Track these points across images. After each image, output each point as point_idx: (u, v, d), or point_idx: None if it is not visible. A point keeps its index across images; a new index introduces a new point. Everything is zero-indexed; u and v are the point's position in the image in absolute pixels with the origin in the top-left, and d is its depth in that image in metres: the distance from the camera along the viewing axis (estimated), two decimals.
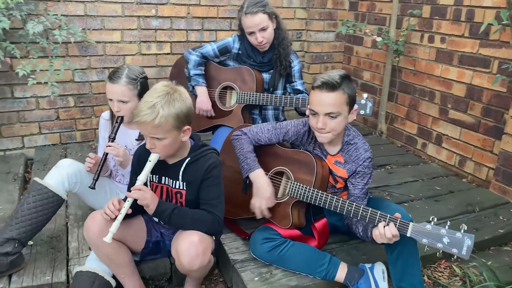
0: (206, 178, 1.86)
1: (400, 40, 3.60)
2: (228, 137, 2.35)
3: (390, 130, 3.99)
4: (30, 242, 2.22)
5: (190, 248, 1.75)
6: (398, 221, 1.77)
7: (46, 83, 2.78)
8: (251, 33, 2.58)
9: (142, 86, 2.19)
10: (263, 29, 2.56)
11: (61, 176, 2.09)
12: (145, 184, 1.92)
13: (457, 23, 3.21)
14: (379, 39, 3.52)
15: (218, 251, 2.27)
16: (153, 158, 1.79)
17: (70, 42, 3.31)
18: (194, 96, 2.82)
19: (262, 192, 2.05)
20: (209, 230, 1.86)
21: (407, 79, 3.74)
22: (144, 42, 3.68)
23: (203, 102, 2.80)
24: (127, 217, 1.87)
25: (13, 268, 1.99)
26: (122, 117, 2.20)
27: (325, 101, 1.89)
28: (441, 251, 1.70)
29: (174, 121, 1.72)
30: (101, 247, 1.84)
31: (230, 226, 2.33)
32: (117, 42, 3.58)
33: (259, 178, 2.07)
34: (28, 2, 3.11)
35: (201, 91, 2.79)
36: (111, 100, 2.19)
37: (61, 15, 3.20)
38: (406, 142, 3.82)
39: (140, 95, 2.10)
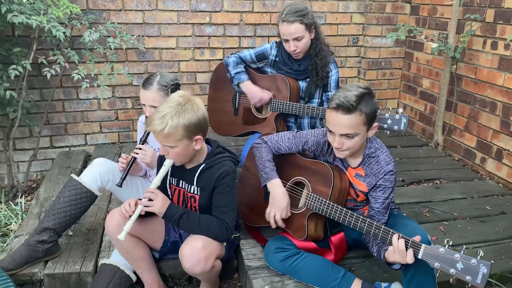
0: (218, 186, 1.90)
1: (460, 46, 3.36)
2: (253, 145, 2.37)
3: (447, 142, 3.73)
4: (70, 233, 2.44)
5: (193, 253, 1.80)
6: (410, 242, 1.67)
7: (99, 86, 3.01)
8: (286, 40, 2.57)
9: (173, 93, 2.29)
10: (297, 39, 2.53)
11: (94, 173, 2.25)
12: (164, 186, 2.02)
13: None
14: (434, 45, 3.31)
15: (237, 256, 2.31)
16: (167, 164, 1.87)
17: (130, 49, 3.56)
18: (242, 93, 2.81)
19: (278, 202, 2.04)
20: (217, 236, 1.90)
21: (467, 88, 3.48)
22: (198, 48, 3.82)
23: (254, 96, 2.71)
24: (147, 215, 1.98)
25: (48, 255, 2.19)
26: None
27: (340, 123, 1.81)
28: (454, 277, 1.58)
29: (184, 131, 1.78)
30: (118, 241, 1.95)
31: (252, 233, 2.35)
32: (173, 48, 3.76)
33: (276, 188, 2.07)
34: (91, 12, 3.40)
35: (246, 85, 2.73)
36: (144, 105, 2.32)
37: (119, 23, 3.44)
38: (464, 155, 3.55)
39: None
